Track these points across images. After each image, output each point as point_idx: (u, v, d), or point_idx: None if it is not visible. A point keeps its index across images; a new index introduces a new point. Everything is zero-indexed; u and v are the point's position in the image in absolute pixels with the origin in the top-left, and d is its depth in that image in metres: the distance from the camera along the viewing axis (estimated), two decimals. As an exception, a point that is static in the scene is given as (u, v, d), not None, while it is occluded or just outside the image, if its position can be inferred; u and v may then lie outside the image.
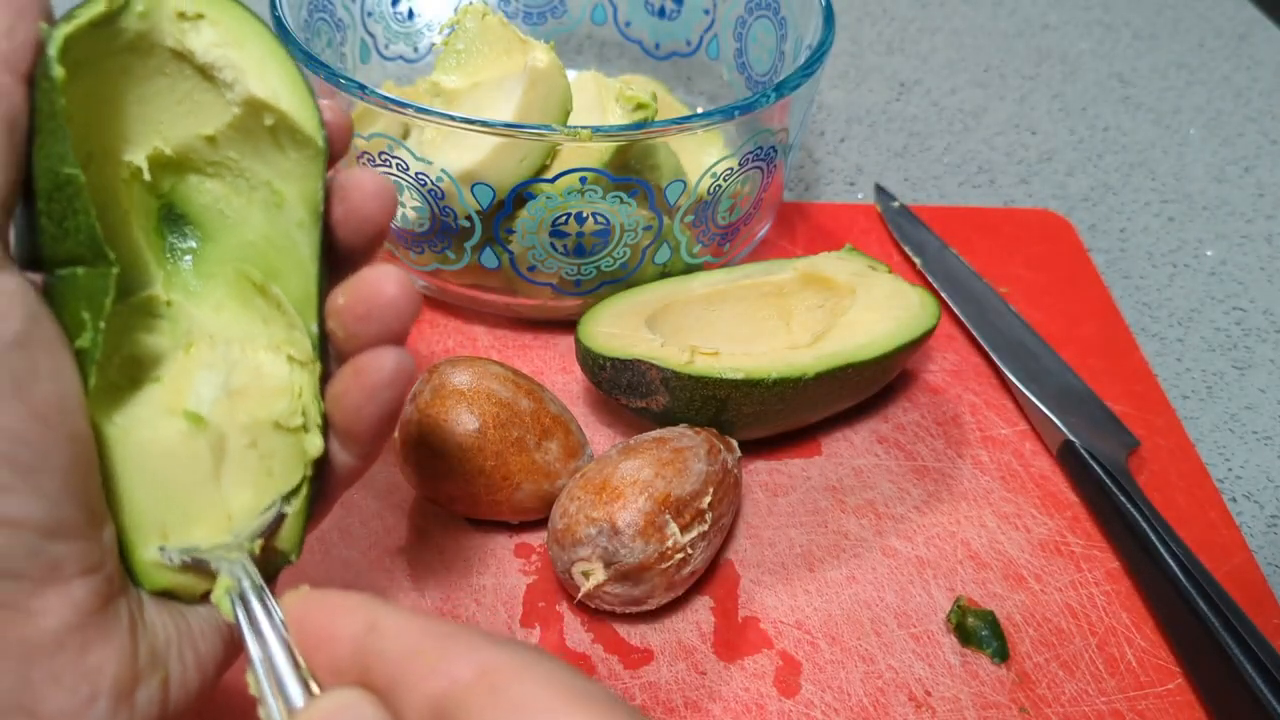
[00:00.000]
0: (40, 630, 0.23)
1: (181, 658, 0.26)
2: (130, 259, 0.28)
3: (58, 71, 0.24)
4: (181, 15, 0.27)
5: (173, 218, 0.30)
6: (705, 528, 0.38)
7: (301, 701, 0.22)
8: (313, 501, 0.29)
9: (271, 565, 0.28)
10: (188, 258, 0.30)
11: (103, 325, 0.25)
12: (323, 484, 0.29)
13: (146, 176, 0.28)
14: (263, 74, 0.27)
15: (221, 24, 0.27)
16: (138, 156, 0.28)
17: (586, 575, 0.36)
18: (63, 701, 0.23)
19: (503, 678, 0.20)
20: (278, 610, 0.24)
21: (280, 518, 0.28)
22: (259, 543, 0.27)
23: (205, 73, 0.27)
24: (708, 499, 0.38)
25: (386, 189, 0.28)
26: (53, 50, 0.24)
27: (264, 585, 0.25)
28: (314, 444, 0.28)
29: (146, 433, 0.27)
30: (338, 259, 0.29)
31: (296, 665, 0.22)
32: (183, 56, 0.27)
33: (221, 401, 0.28)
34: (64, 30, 0.24)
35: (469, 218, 0.44)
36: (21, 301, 0.23)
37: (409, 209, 0.44)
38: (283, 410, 0.28)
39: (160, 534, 0.26)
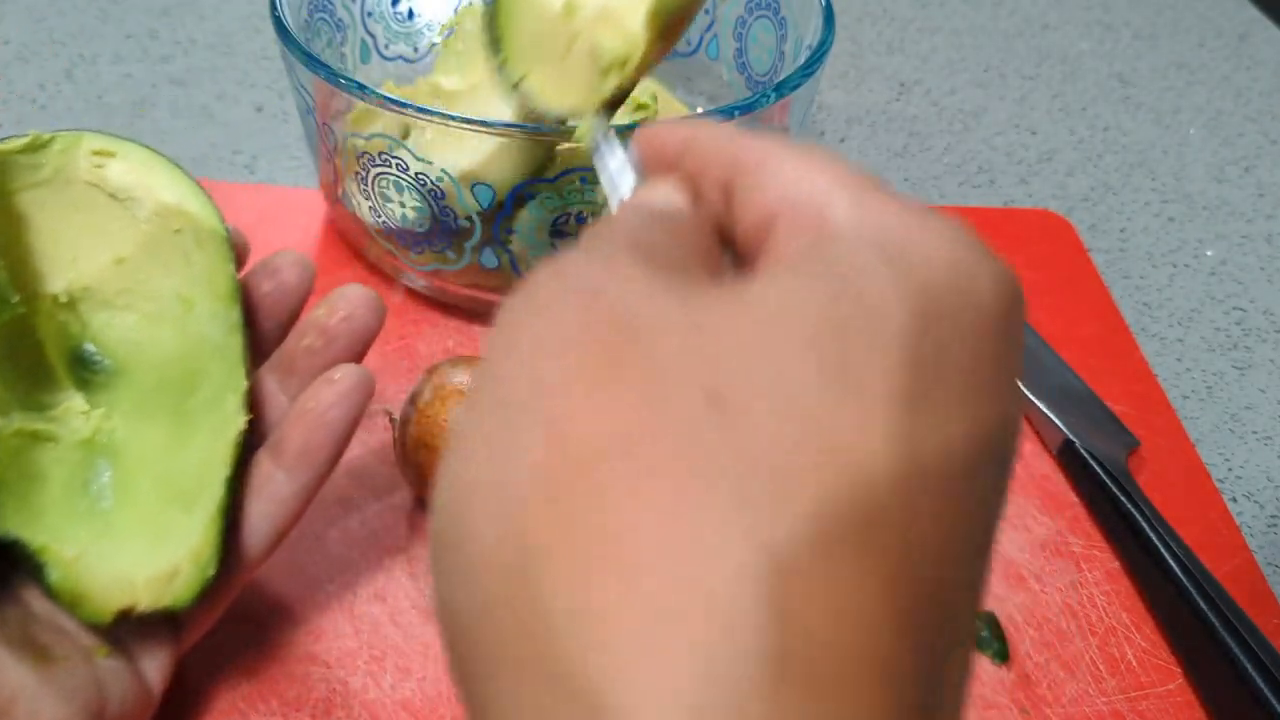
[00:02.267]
0: None
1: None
2: (41, 382, 0.31)
3: None
4: (96, 153, 0.31)
5: (83, 356, 0.33)
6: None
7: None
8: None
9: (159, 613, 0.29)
10: (103, 387, 0.33)
11: None
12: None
13: (63, 300, 0.32)
14: (169, 187, 0.32)
15: (129, 158, 0.32)
16: (56, 287, 0.32)
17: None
18: None
19: (775, 158, 0.20)
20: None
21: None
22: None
23: (116, 198, 0.31)
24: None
25: (306, 261, 0.34)
26: None
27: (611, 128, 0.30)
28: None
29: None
30: (261, 335, 0.34)
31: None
32: (96, 186, 0.31)
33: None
34: None
35: (469, 218, 0.44)
36: None
37: (409, 209, 0.44)
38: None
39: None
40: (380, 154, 0.43)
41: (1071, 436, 0.45)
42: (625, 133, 0.38)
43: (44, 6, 0.70)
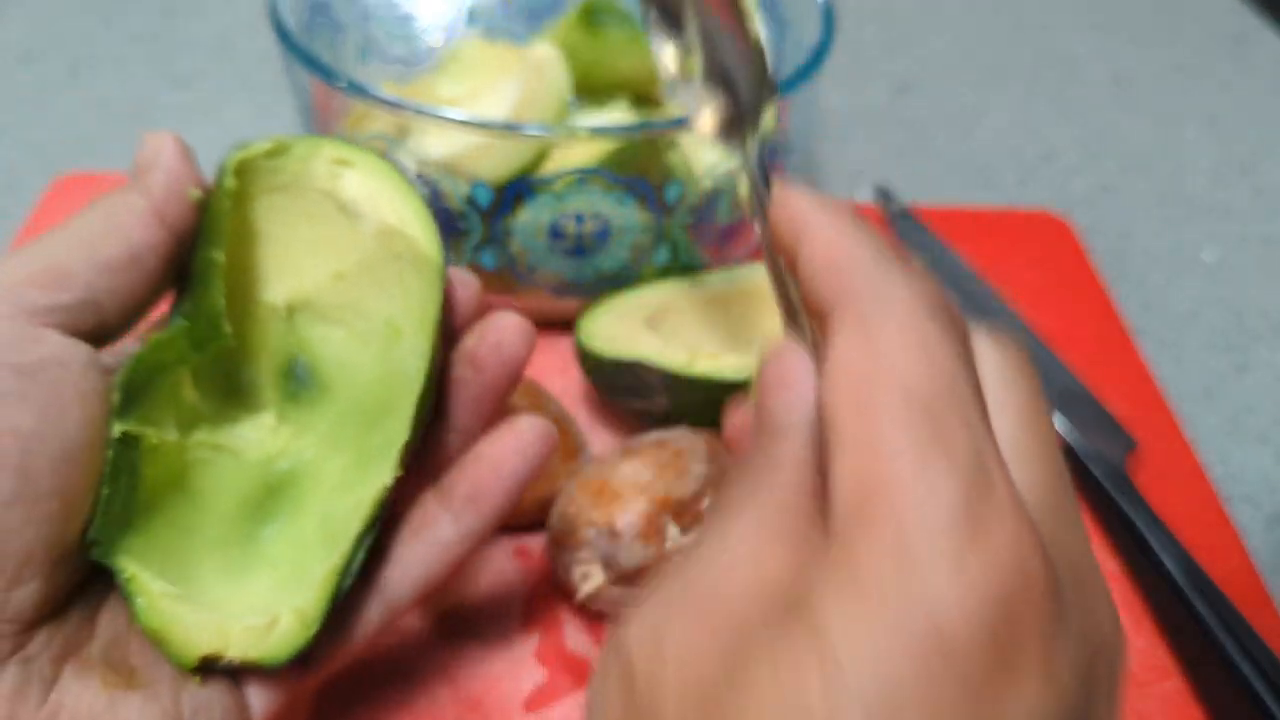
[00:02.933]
0: None
1: None
2: (237, 394, 0.31)
3: (230, 182, 0.29)
4: (335, 161, 0.31)
5: (292, 371, 0.32)
6: (704, 529, 0.38)
7: None
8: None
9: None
10: (302, 405, 0.32)
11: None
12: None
13: (282, 311, 0.31)
14: (395, 206, 0.31)
15: (364, 168, 0.31)
16: (278, 296, 0.31)
17: (586, 578, 0.36)
18: None
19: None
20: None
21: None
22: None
23: (345, 210, 0.31)
24: (707, 501, 0.38)
25: (527, 326, 0.31)
26: (228, 166, 0.29)
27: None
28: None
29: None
30: (462, 397, 0.32)
31: None
32: (328, 195, 0.30)
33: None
34: (238, 155, 0.30)
35: (468, 218, 0.44)
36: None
37: (409, 210, 0.44)
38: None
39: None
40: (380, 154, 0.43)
41: (1070, 438, 0.45)
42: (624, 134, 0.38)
43: (47, 8, 0.71)
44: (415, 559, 0.30)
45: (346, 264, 0.31)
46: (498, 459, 0.30)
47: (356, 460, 0.30)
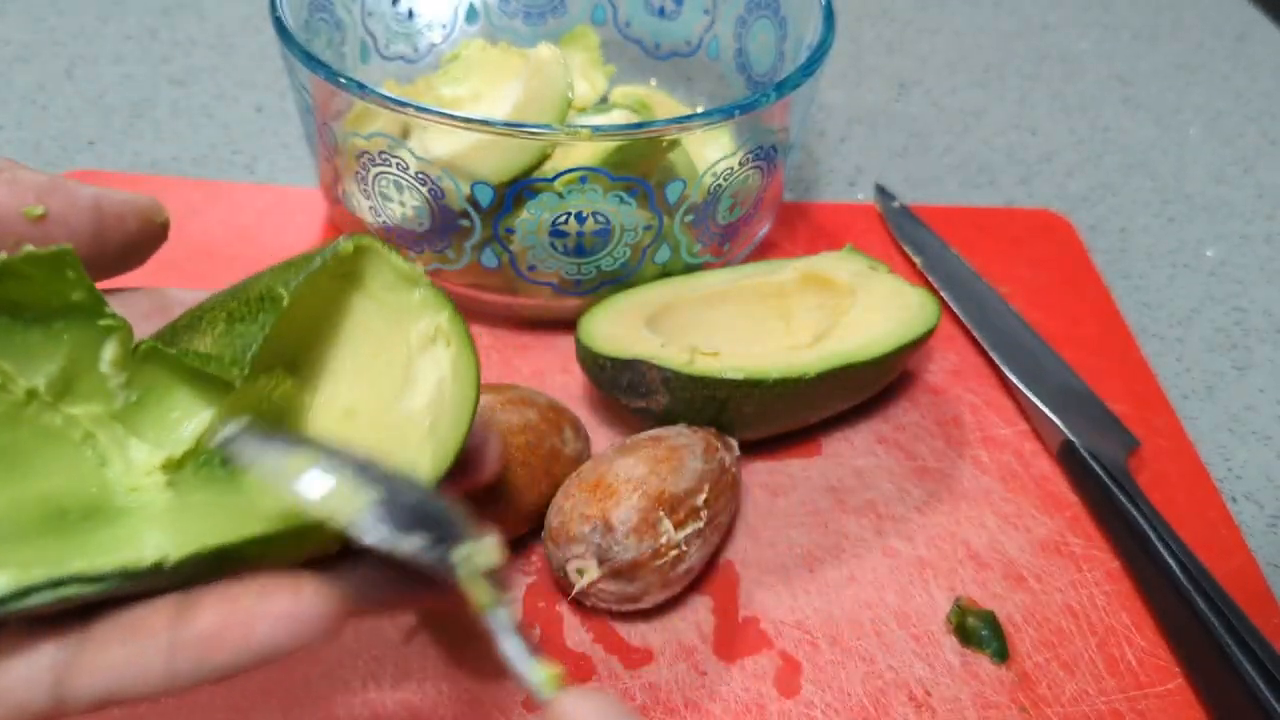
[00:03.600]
0: None
1: None
2: (175, 413, 0.29)
3: (345, 250, 0.29)
4: (438, 331, 0.30)
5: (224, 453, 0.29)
6: (700, 525, 0.38)
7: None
8: None
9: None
10: (200, 474, 0.29)
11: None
12: None
13: (277, 396, 0.30)
14: (448, 407, 0.29)
15: (455, 352, 0.30)
16: (291, 376, 0.30)
17: (580, 573, 0.36)
18: None
19: None
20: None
21: None
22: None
23: (408, 372, 0.30)
24: (703, 496, 0.38)
25: None
26: (355, 247, 0.29)
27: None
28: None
29: None
30: None
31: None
32: (406, 345, 0.30)
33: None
34: (371, 245, 0.29)
35: (469, 217, 0.44)
36: None
37: (409, 208, 0.44)
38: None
39: None
40: (380, 153, 0.43)
41: (1071, 436, 0.45)
42: (624, 133, 0.38)
43: (44, 6, 0.70)
44: (107, 662, 0.24)
45: (366, 408, 0.30)
46: (251, 617, 0.24)
47: (176, 543, 0.25)
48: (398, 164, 0.43)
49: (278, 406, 0.29)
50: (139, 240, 0.29)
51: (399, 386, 0.30)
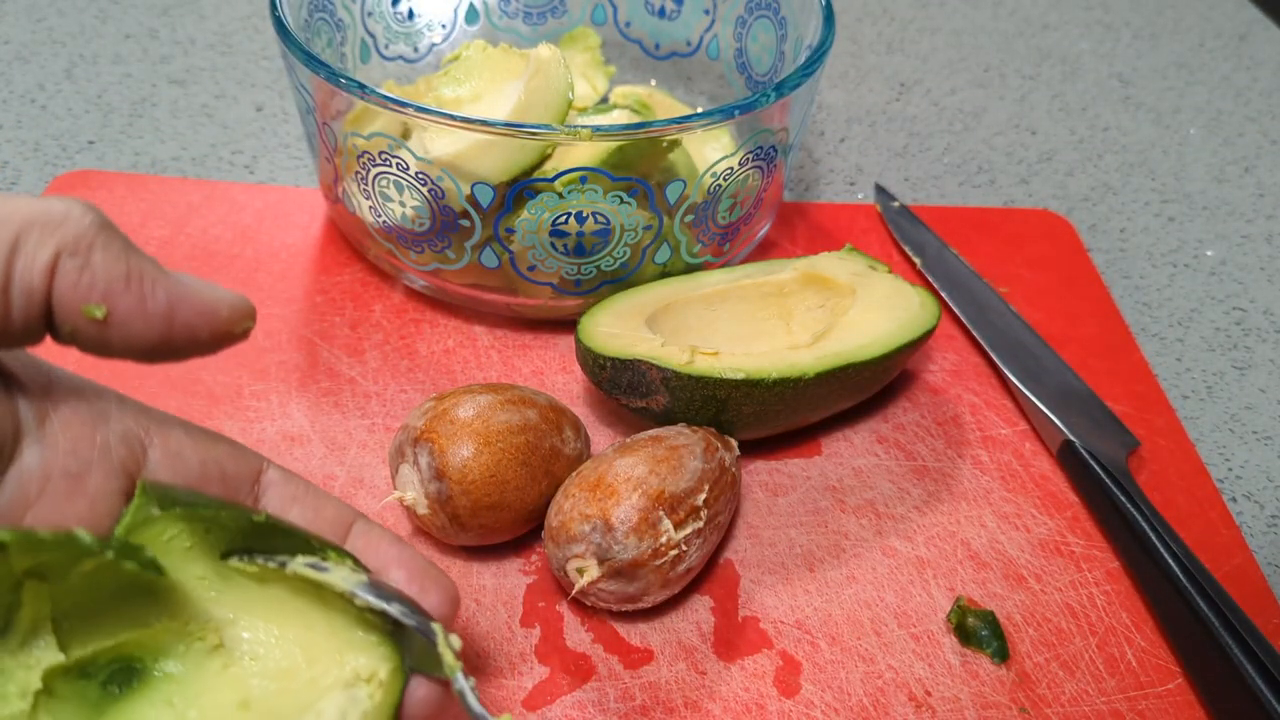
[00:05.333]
0: None
1: None
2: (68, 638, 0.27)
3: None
4: (353, 676, 0.29)
5: (120, 678, 0.28)
6: (700, 524, 0.38)
7: None
8: None
9: None
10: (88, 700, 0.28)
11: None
12: None
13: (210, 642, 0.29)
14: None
15: (376, 697, 0.29)
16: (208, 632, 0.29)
17: (580, 572, 0.36)
18: None
19: None
20: None
21: None
22: None
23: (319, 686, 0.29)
24: (703, 496, 0.38)
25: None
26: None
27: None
28: None
29: None
30: None
31: None
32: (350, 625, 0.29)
33: None
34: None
35: (469, 217, 0.44)
36: None
37: (409, 208, 0.44)
38: None
39: None
40: (380, 153, 0.43)
41: (1071, 436, 0.45)
42: (623, 134, 0.38)
43: (44, 6, 0.70)
44: None
45: (260, 709, 0.28)
46: None
47: None
48: (398, 164, 0.43)
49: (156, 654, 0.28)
50: (204, 346, 0.26)
51: (298, 710, 0.28)
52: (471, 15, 0.60)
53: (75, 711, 0.26)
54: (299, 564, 0.28)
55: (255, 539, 0.28)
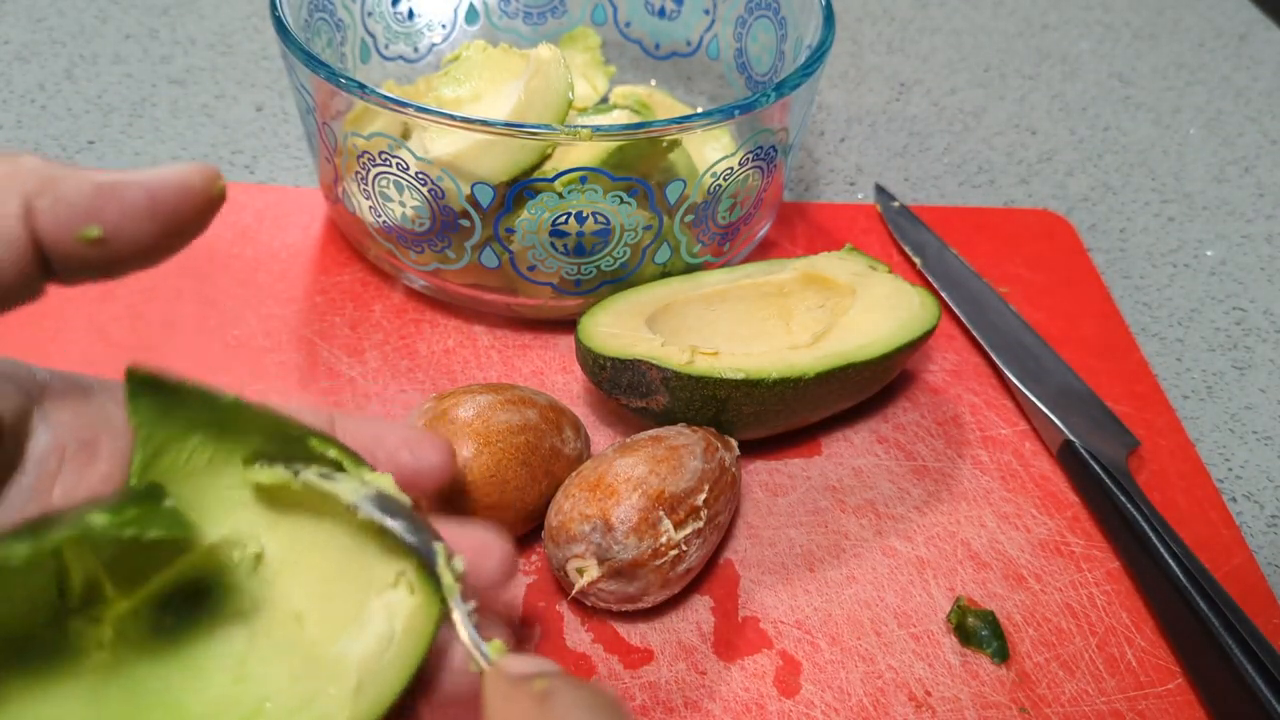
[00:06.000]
0: None
1: None
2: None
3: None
4: (393, 578, 0.29)
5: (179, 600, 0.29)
6: (700, 525, 0.38)
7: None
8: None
9: None
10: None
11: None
12: None
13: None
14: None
15: (417, 592, 0.29)
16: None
17: (580, 572, 0.36)
18: None
19: None
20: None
21: None
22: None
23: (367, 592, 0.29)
24: (703, 496, 0.38)
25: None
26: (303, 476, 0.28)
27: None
28: None
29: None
30: None
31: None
32: (367, 583, 0.29)
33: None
34: (311, 477, 0.28)
35: (469, 217, 0.44)
36: None
37: (409, 208, 0.44)
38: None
39: None
40: (380, 153, 0.43)
41: (1071, 436, 0.45)
42: (621, 133, 0.38)
43: (44, 6, 0.70)
44: None
45: (314, 620, 0.29)
46: None
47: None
48: (398, 164, 0.43)
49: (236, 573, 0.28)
50: (195, 221, 0.27)
51: (349, 617, 0.28)
52: (471, 15, 0.60)
53: (156, 647, 0.27)
54: (310, 473, 0.28)
55: (276, 445, 0.28)
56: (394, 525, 0.28)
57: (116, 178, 0.25)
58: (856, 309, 0.46)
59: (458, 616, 0.27)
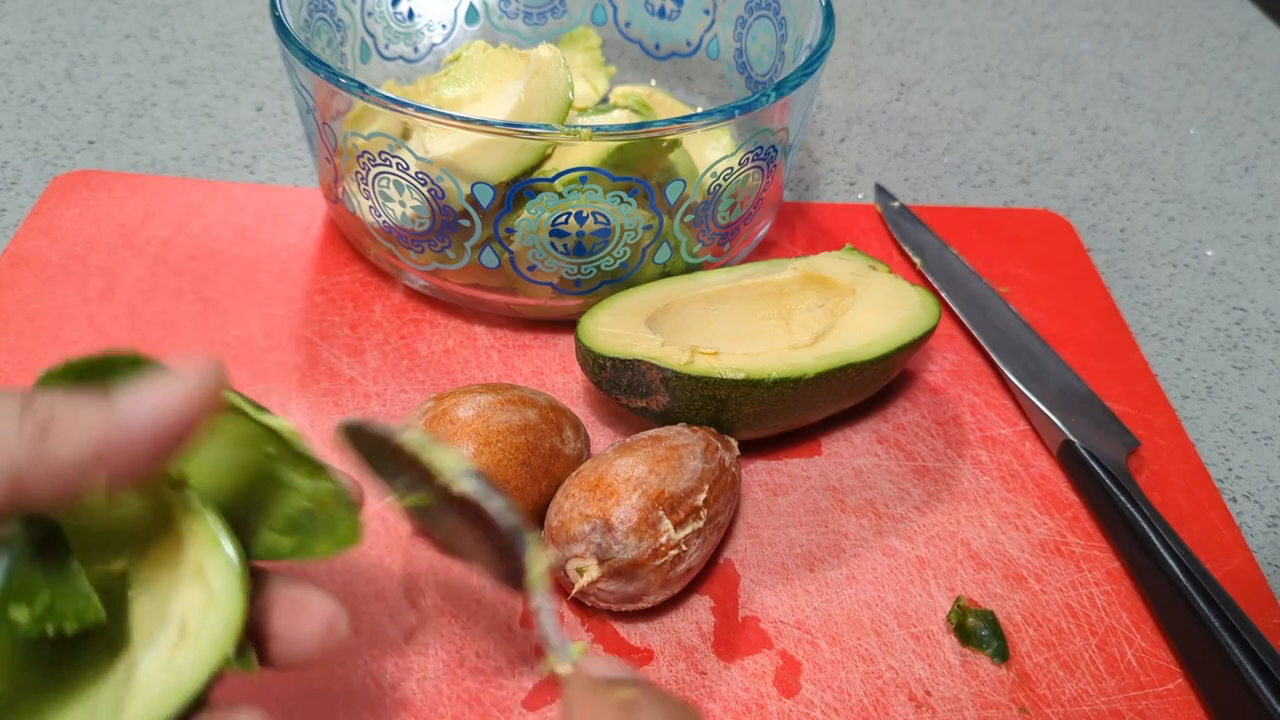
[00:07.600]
0: None
1: None
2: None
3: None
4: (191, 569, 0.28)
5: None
6: (700, 525, 0.38)
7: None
8: None
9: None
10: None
11: None
12: None
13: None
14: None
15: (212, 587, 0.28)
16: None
17: (580, 572, 0.36)
18: None
19: None
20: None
21: None
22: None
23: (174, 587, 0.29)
24: (703, 496, 0.38)
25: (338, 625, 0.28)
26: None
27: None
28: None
29: None
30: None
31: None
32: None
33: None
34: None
35: (469, 217, 0.44)
36: None
37: (409, 208, 0.44)
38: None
39: None
40: (380, 153, 0.43)
41: (1072, 437, 0.45)
42: (622, 133, 0.38)
43: (44, 6, 0.70)
44: None
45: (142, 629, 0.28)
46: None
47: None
48: (398, 164, 0.43)
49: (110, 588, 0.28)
50: (185, 434, 0.24)
51: (161, 616, 0.28)
52: (471, 15, 0.60)
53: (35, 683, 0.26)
54: (415, 438, 0.30)
55: (261, 446, 0.29)
56: (492, 506, 0.28)
57: (114, 426, 0.23)
58: (856, 309, 0.46)
59: (542, 613, 0.27)
